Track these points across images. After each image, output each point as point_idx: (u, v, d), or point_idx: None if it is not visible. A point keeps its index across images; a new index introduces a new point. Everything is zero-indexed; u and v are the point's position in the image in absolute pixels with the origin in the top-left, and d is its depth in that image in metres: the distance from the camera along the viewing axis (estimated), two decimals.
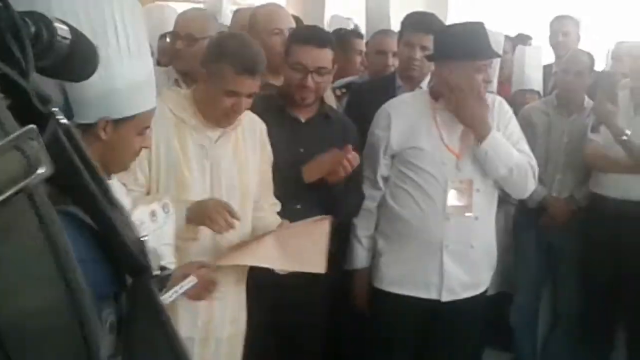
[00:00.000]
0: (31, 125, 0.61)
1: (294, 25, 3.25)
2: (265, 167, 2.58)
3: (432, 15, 3.41)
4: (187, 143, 2.38)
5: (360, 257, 3.01)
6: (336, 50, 2.84)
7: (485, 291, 3.07)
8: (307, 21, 3.98)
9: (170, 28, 3.28)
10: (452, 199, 2.87)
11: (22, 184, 0.59)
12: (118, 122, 1.78)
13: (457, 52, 2.78)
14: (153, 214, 2.09)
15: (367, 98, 3.33)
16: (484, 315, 3.10)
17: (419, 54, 3.25)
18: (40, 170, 0.60)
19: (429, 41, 3.14)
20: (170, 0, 5.34)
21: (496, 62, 3.99)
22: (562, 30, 4.96)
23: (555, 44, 4.99)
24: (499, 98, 3.11)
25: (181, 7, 3.76)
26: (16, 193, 0.58)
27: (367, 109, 3.11)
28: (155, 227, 2.07)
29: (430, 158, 2.87)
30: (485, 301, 3.10)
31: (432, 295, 2.91)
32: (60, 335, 0.61)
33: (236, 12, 3.87)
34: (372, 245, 3.02)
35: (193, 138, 2.39)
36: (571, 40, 4.93)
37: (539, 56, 4.57)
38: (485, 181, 2.93)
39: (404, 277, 2.93)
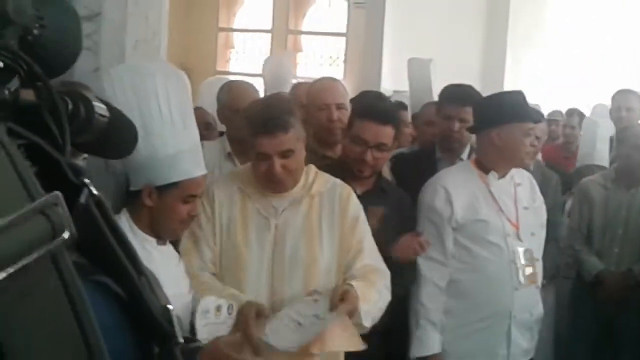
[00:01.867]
0: (56, 192, 0.63)
1: (346, 98, 3.30)
2: (348, 232, 2.42)
3: (469, 87, 3.43)
4: (249, 218, 2.36)
5: (435, 342, 2.88)
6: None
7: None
8: None
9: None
10: (525, 269, 2.88)
11: (46, 248, 0.60)
12: (162, 190, 1.86)
13: (504, 116, 2.83)
14: (218, 308, 2.13)
15: (409, 169, 3.32)
16: None
17: (457, 126, 3.27)
18: (65, 235, 0.62)
19: (466, 113, 3.17)
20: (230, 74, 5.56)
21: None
22: (625, 106, 4.89)
23: (617, 119, 4.88)
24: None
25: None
26: (40, 257, 0.59)
27: (410, 180, 3.12)
28: (215, 321, 2.10)
29: (495, 230, 2.87)
30: None
31: None
32: None
33: (294, 87, 3.93)
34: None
35: (256, 211, 2.37)
36: (635, 115, 4.85)
37: (609, 131, 4.47)
38: (539, 251, 2.98)
39: (473, 351, 2.90)
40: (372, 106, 3.01)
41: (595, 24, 7.81)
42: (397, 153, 3.77)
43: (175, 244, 2.24)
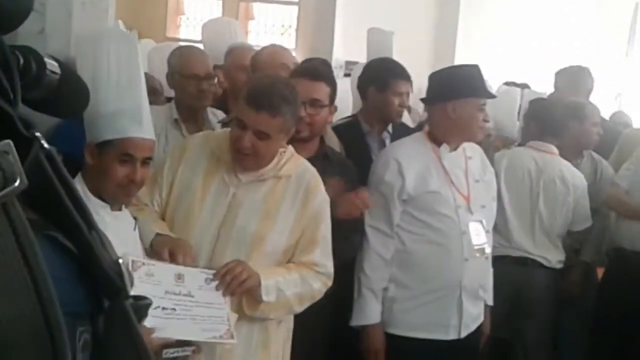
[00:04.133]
0: (7, 140, 0.63)
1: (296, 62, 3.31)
2: (305, 223, 2.40)
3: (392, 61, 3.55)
4: (212, 180, 2.37)
5: (375, 312, 2.92)
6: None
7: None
8: None
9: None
10: (475, 240, 2.93)
11: None
12: (101, 148, 1.89)
13: (460, 91, 2.87)
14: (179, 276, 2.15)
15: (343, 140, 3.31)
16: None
17: (406, 101, 3.34)
18: (16, 184, 0.62)
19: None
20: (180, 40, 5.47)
21: None
22: (572, 80, 4.80)
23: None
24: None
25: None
26: None
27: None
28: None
29: (446, 202, 2.91)
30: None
31: (452, 335, 2.95)
32: (30, 346, 0.62)
33: (231, 51, 3.81)
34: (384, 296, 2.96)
35: (220, 177, 2.37)
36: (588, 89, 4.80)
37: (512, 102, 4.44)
38: (490, 223, 3.05)
39: (425, 320, 2.93)
40: (303, 65, 3.05)
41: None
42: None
43: None
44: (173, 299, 2.09)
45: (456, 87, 2.90)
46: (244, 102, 2.30)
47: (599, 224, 3.87)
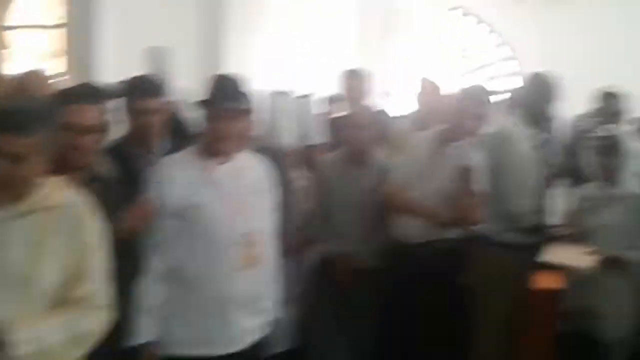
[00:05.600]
0: None
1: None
2: (78, 256, 2.24)
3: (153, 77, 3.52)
4: None
5: (149, 329, 2.85)
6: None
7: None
8: None
9: None
10: (240, 251, 2.90)
11: None
12: None
13: (211, 100, 2.90)
14: None
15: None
16: None
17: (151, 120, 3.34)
18: None
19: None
20: None
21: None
22: (349, 84, 5.09)
23: (342, 98, 5.11)
24: None
25: None
26: None
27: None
28: None
29: (213, 214, 2.88)
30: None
31: (221, 350, 2.90)
32: None
33: None
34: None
35: None
36: (357, 93, 5.06)
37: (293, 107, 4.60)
38: (264, 233, 3.02)
39: (196, 336, 2.88)
40: (69, 89, 2.94)
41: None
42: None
43: None
44: None
45: (209, 97, 2.92)
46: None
47: None
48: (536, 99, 4.15)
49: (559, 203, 4.28)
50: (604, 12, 9.36)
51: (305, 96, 4.76)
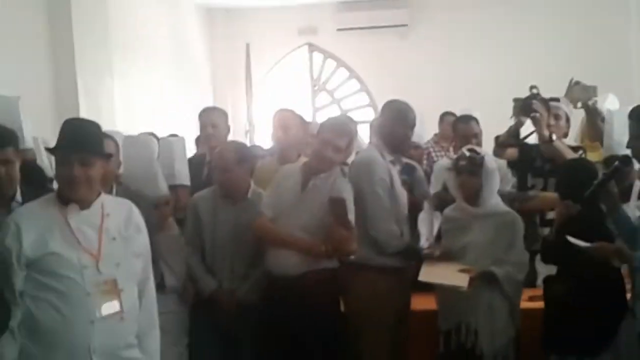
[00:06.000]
0: None
1: None
2: None
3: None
4: None
5: None
6: None
7: None
8: None
9: None
10: (106, 302, 2.81)
11: None
12: None
13: (58, 146, 2.88)
14: None
15: None
16: None
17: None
18: None
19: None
20: None
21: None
22: (211, 122, 5.00)
23: (204, 136, 5.05)
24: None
25: None
26: None
27: None
28: None
29: (69, 263, 2.79)
30: None
31: None
32: None
33: None
34: None
35: None
36: (220, 131, 4.99)
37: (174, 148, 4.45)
38: (130, 281, 2.94)
39: None
40: None
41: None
42: None
43: None
44: None
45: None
46: None
47: None
48: (393, 125, 4.23)
49: (428, 226, 4.38)
50: (451, 42, 9.85)
51: (171, 137, 4.64)
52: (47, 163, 4.31)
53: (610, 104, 5.31)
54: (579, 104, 5.06)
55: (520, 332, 3.96)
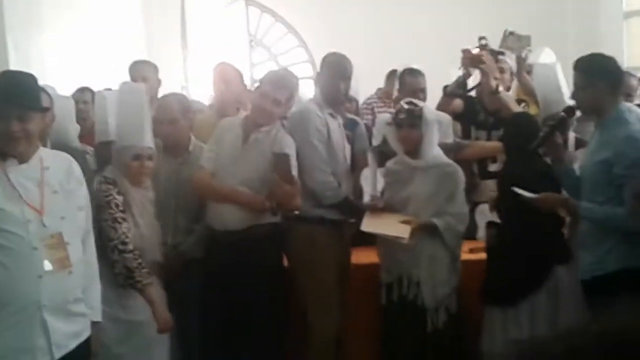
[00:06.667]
0: None
1: None
2: None
3: None
4: None
5: None
6: None
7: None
8: None
9: None
10: (52, 255, 2.77)
11: None
12: None
13: None
14: None
15: None
16: None
17: None
18: None
19: None
20: None
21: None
22: (141, 76, 4.92)
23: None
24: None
25: None
26: None
27: None
28: None
29: (12, 218, 2.72)
30: None
31: (43, 358, 2.75)
32: None
33: None
34: None
35: None
36: (151, 85, 4.89)
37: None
38: (75, 235, 2.90)
39: (8, 348, 2.71)
40: None
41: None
42: None
43: None
44: None
45: None
46: None
47: None
48: (328, 77, 4.20)
49: (372, 183, 4.38)
50: None
51: (106, 90, 4.49)
52: None
53: (546, 57, 5.36)
54: (513, 54, 5.09)
55: (462, 283, 4.02)
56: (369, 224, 4.00)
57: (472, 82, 4.90)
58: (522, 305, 3.83)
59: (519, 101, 4.88)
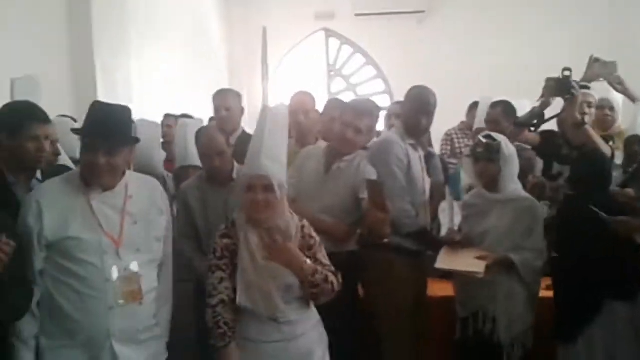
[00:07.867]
0: None
1: None
2: None
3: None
4: None
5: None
6: None
7: None
8: None
9: None
10: (124, 287, 2.81)
11: None
12: None
13: (87, 130, 2.82)
14: None
15: None
16: None
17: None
18: None
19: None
20: None
21: None
22: (224, 105, 4.96)
23: (218, 119, 4.98)
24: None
25: None
26: None
27: None
28: None
29: (89, 248, 2.76)
30: None
31: None
32: None
33: None
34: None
35: None
36: (234, 114, 4.96)
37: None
38: (148, 265, 2.92)
39: None
40: None
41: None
42: None
43: None
44: None
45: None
46: None
47: None
48: (410, 110, 4.20)
49: (449, 215, 4.35)
50: (468, 28, 9.75)
51: (186, 118, 4.62)
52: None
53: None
54: (600, 80, 4.93)
55: (540, 319, 3.95)
56: (443, 261, 3.97)
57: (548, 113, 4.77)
58: (580, 341, 3.73)
59: (607, 138, 4.71)
